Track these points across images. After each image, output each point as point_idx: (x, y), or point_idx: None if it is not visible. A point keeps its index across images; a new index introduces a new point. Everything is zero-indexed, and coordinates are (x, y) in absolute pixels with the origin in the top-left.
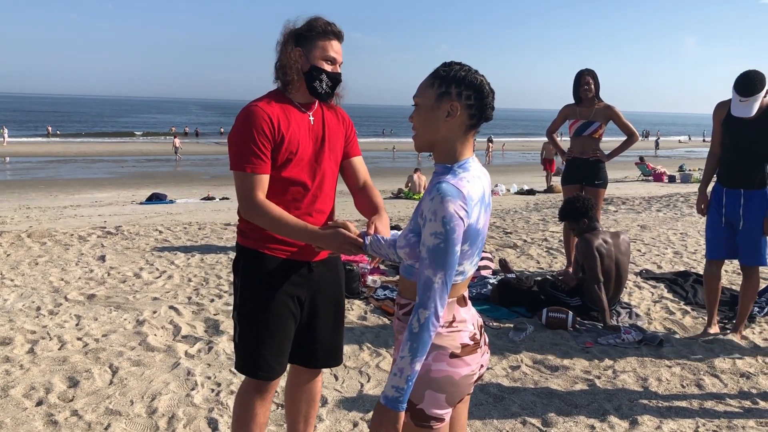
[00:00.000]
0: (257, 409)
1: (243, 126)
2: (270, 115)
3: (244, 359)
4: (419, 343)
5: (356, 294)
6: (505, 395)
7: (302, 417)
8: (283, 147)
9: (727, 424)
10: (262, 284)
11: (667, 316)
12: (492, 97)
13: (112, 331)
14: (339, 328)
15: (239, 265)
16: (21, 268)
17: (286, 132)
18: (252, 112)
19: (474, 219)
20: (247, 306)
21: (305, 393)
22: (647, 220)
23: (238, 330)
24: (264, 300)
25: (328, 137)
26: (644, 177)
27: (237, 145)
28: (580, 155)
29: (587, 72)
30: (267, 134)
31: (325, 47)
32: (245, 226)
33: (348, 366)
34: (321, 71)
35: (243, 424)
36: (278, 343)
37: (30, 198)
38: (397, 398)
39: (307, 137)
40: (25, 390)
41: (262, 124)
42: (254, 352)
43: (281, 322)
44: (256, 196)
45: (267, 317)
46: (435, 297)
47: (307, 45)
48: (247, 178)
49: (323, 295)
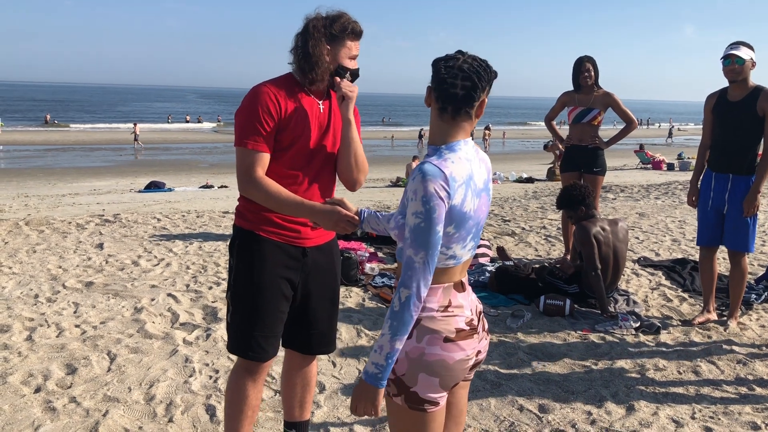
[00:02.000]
0: (249, 391)
1: (249, 104)
2: (278, 96)
3: (236, 339)
4: (399, 322)
5: (354, 281)
6: (502, 382)
7: (298, 401)
8: (288, 129)
9: (724, 410)
10: (256, 265)
11: (665, 303)
12: (460, 78)
13: (110, 319)
14: (333, 314)
15: (234, 246)
16: (19, 256)
17: (293, 115)
18: (260, 91)
19: (458, 201)
20: (241, 286)
21: (300, 378)
22: (646, 208)
23: (231, 310)
24: (257, 281)
25: (333, 127)
26: (643, 165)
27: (241, 122)
28: (579, 142)
29: (587, 59)
30: (273, 114)
31: (351, 47)
32: (243, 207)
33: (345, 353)
34: (347, 70)
35: (235, 406)
36: (270, 324)
37: (28, 186)
38: (377, 374)
39: (313, 124)
40: (24, 377)
41: (268, 104)
42: (246, 333)
43: (274, 304)
44: (255, 172)
45: (260, 298)
46: (417, 276)
47: (335, 43)
48: (247, 154)
49: (318, 280)
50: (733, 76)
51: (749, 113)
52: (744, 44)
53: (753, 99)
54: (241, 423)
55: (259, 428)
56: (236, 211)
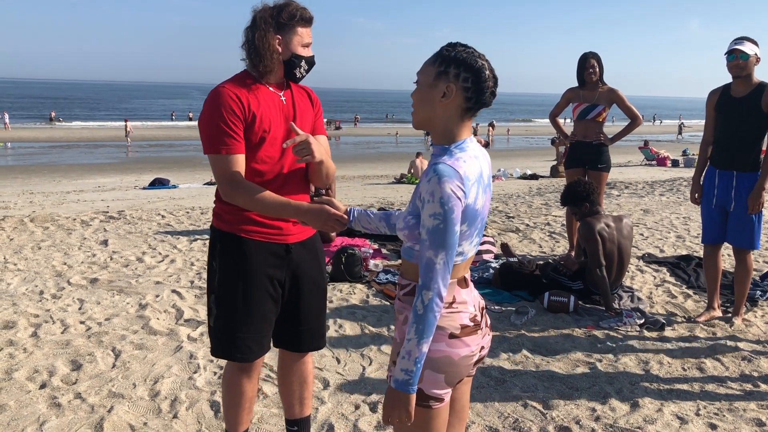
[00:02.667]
0: (245, 387)
1: (212, 108)
2: (239, 95)
3: (221, 342)
4: (425, 325)
5: (358, 278)
6: (506, 378)
7: (297, 399)
8: (255, 126)
9: (728, 407)
10: (239, 267)
11: (669, 300)
12: (493, 83)
13: (114, 315)
14: (322, 309)
15: (215, 249)
16: (24, 253)
17: (257, 111)
18: (220, 93)
19: (472, 199)
20: (225, 289)
21: (296, 375)
22: (650, 204)
23: (215, 313)
24: (242, 283)
25: (299, 115)
26: (647, 161)
27: (208, 128)
28: (584, 139)
29: (592, 55)
30: (238, 114)
31: (303, 34)
32: (221, 209)
33: (350, 349)
34: (301, 58)
35: (233, 402)
36: (257, 324)
37: (33, 183)
38: (408, 381)
39: (278, 117)
40: (29, 373)
41: (231, 105)
42: (231, 334)
43: (260, 305)
44: (235, 177)
45: (245, 300)
46: (437, 277)
47: (285, 32)
48: (223, 160)
49: (304, 277)
50: (737, 71)
51: (754, 109)
52: (749, 40)
53: (757, 95)
54: (241, 416)
55: (263, 424)
56: (214, 213)
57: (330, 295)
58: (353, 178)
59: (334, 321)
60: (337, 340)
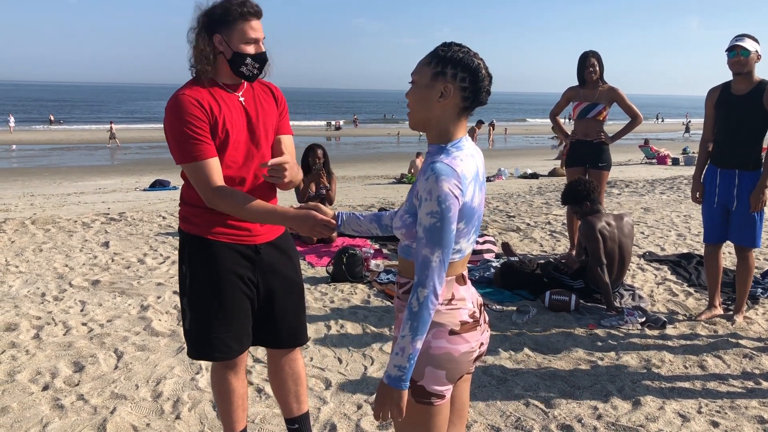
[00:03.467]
0: (233, 384)
1: (175, 117)
2: (199, 100)
3: (199, 344)
4: (419, 322)
5: (360, 278)
6: (508, 377)
7: (292, 396)
8: (219, 129)
9: (730, 404)
10: (209, 269)
11: (670, 298)
12: (488, 81)
13: (116, 317)
14: (300, 307)
15: (184, 252)
16: (25, 255)
17: (219, 114)
18: (180, 100)
19: (469, 197)
20: (198, 292)
21: (287, 372)
22: (651, 203)
23: (189, 316)
24: (214, 284)
25: (261, 115)
26: (648, 160)
27: (176, 137)
28: (584, 137)
29: (592, 54)
30: (201, 118)
31: (245, 30)
32: (187, 212)
33: (351, 349)
34: (245, 56)
35: (225, 400)
36: (234, 323)
37: (34, 185)
38: (400, 377)
39: (239, 117)
40: (31, 375)
41: (193, 111)
42: (208, 335)
43: (235, 303)
44: (215, 183)
45: (218, 300)
46: (433, 275)
47: (226, 30)
48: (199, 168)
49: (277, 276)
50: (737, 68)
51: (754, 107)
52: (749, 37)
53: (758, 92)
54: (236, 412)
55: (266, 424)
56: (180, 217)
57: (331, 296)
58: (354, 178)
59: (336, 321)
60: (338, 340)
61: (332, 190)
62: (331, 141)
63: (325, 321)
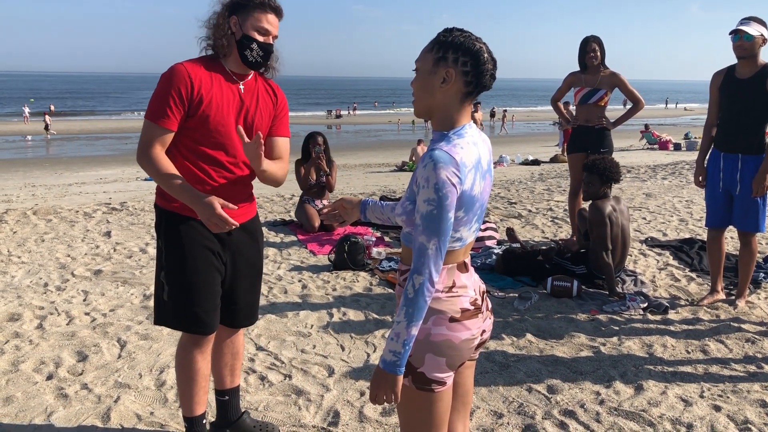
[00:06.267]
0: (199, 363)
1: (163, 81)
2: (191, 75)
3: (178, 317)
4: (414, 308)
5: (362, 266)
6: (510, 363)
7: (228, 369)
8: (200, 109)
9: (732, 389)
10: (186, 243)
11: (672, 283)
12: (492, 65)
13: (119, 306)
14: (257, 289)
15: (161, 227)
16: (27, 245)
17: (206, 95)
18: (175, 70)
19: (468, 185)
20: (175, 265)
21: (229, 347)
22: (652, 188)
23: (167, 289)
24: (191, 257)
25: (256, 111)
26: (650, 145)
27: (155, 97)
28: (586, 123)
29: (593, 39)
30: (183, 93)
31: (260, 18)
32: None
33: (354, 336)
34: (252, 40)
35: (188, 379)
36: (209, 298)
37: (35, 176)
38: (395, 362)
39: (230, 106)
40: (35, 364)
41: (179, 83)
42: (189, 309)
43: (210, 278)
44: (152, 147)
45: (196, 274)
46: (429, 263)
47: (243, 14)
48: (151, 128)
49: (242, 257)
50: (741, 52)
51: (759, 91)
52: (756, 20)
53: (762, 76)
54: (198, 394)
55: (270, 411)
56: (158, 192)
57: (333, 284)
58: (355, 166)
59: (338, 309)
60: (341, 328)
61: (332, 177)
62: (331, 129)
63: (327, 309)
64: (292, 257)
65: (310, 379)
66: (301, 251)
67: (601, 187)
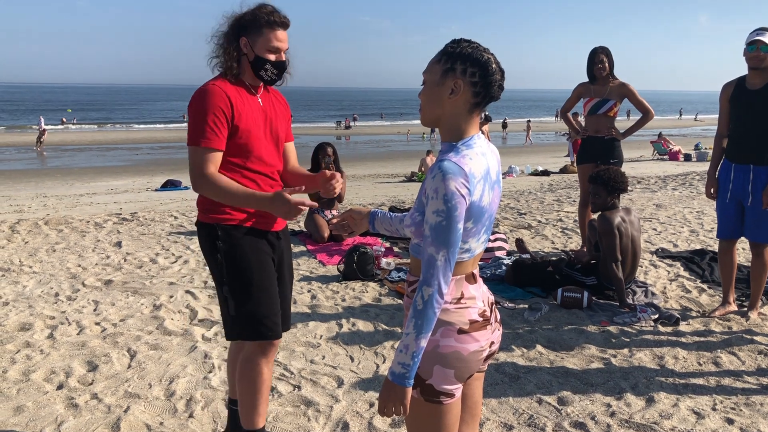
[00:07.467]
0: (266, 374)
1: (200, 103)
2: (227, 93)
3: (251, 325)
4: (423, 320)
5: (371, 276)
6: (520, 374)
7: None
8: (242, 126)
9: (745, 401)
10: (249, 252)
11: (684, 295)
12: (500, 76)
13: (129, 316)
14: (290, 294)
15: (216, 241)
16: (39, 255)
17: (242, 110)
18: (209, 90)
19: (477, 196)
20: (236, 276)
21: None
22: (663, 199)
23: (234, 303)
24: (256, 265)
25: (274, 119)
26: (659, 156)
27: (195, 121)
28: (595, 134)
29: (601, 50)
30: (224, 111)
31: (270, 38)
32: (216, 203)
33: (363, 347)
34: (266, 62)
35: (255, 391)
36: (276, 302)
37: (46, 186)
38: (404, 374)
39: (258, 118)
40: (46, 374)
41: (218, 102)
42: (257, 316)
43: (271, 283)
44: (207, 169)
45: (263, 280)
46: (438, 274)
47: (253, 35)
48: (200, 152)
49: (284, 263)
50: (756, 63)
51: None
52: None
53: None
54: (261, 405)
55: (279, 422)
56: (204, 209)
57: (343, 294)
58: (364, 177)
59: (347, 319)
60: (350, 338)
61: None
62: (340, 140)
63: (336, 319)
64: (302, 267)
65: (319, 389)
66: (310, 261)
67: (608, 197)
